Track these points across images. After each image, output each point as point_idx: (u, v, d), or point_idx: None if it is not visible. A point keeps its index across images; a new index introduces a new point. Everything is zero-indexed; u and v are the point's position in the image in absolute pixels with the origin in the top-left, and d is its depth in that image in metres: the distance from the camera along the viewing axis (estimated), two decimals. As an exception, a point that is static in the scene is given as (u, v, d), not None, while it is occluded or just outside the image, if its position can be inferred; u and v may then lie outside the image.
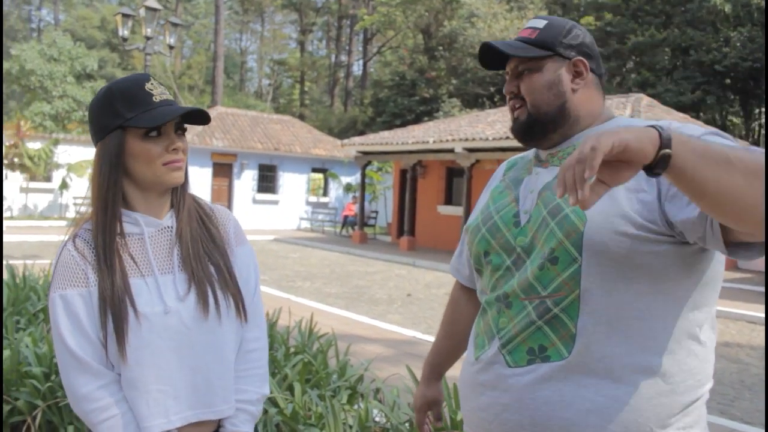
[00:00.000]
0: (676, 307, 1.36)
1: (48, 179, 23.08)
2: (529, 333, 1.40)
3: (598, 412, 1.33)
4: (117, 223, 1.52)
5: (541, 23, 1.56)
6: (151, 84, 1.52)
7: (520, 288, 1.43)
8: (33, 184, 22.49)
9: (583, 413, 1.34)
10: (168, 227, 1.58)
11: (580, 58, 1.54)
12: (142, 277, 1.51)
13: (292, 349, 4.14)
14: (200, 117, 1.54)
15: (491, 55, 1.59)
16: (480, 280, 1.61)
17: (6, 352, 3.66)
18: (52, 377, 3.43)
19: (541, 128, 1.53)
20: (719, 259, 1.42)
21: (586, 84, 1.54)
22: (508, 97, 1.59)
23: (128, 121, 1.48)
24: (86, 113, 30.47)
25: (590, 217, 1.34)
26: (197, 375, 1.52)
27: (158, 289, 1.50)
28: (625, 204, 1.34)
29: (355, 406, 3.54)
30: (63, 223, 21.40)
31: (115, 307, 1.45)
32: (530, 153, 1.69)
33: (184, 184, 1.61)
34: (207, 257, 1.58)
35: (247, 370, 1.64)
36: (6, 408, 3.36)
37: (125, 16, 11.83)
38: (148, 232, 1.55)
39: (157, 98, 1.50)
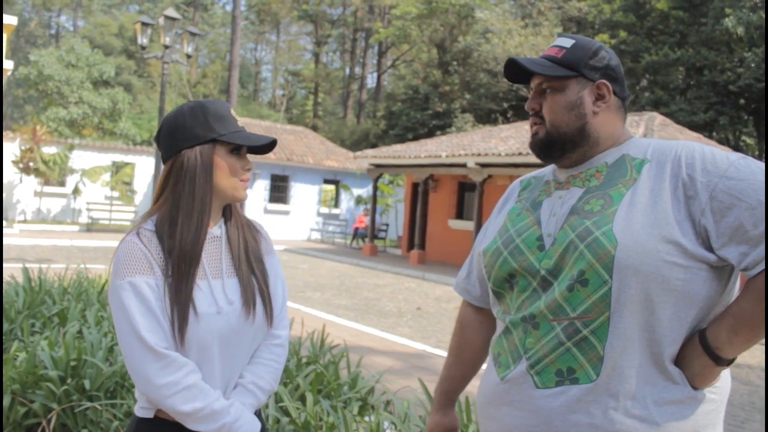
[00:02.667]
0: (696, 330, 1.40)
1: (62, 184, 23.24)
2: (558, 354, 1.40)
3: None
4: (207, 227, 1.67)
5: (568, 42, 1.58)
6: (233, 111, 1.73)
7: (548, 309, 1.43)
8: (47, 189, 22.65)
9: None
10: (216, 236, 1.72)
11: (604, 81, 1.55)
12: (198, 279, 1.65)
13: (304, 360, 4.17)
14: (268, 147, 1.71)
15: (516, 70, 1.61)
16: (500, 302, 1.60)
17: (22, 355, 3.71)
18: (68, 381, 3.47)
19: (560, 147, 1.55)
20: (735, 281, 1.46)
21: (608, 107, 1.55)
22: (529, 113, 1.61)
23: (223, 136, 1.65)
24: (102, 120, 30.75)
25: (621, 240, 1.36)
26: (229, 369, 1.68)
27: (211, 292, 1.65)
28: (658, 230, 1.36)
29: (366, 418, 3.56)
30: (75, 228, 21.54)
31: (181, 306, 1.58)
32: (546, 173, 1.71)
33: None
34: (251, 265, 1.74)
35: (270, 360, 1.76)
36: (21, 410, 3.40)
37: (144, 24, 11.95)
38: None
39: (239, 124, 1.71)
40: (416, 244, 18.25)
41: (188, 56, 12.76)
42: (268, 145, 1.70)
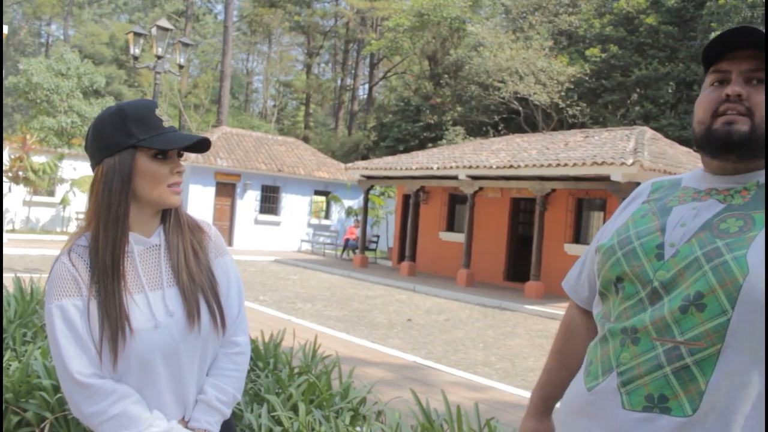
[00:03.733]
0: None
1: (51, 193, 23.18)
2: (653, 378, 1.27)
3: None
4: (126, 238, 1.58)
5: None
6: (159, 110, 1.62)
7: (654, 326, 1.30)
8: (36, 198, 22.58)
9: None
10: (156, 245, 1.65)
11: None
12: (133, 293, 1.57)
13: (296, 370, 4.19)
14: (203, 145, 1.62)
15: (727, 42, 1.40)
16: (603, 304, 1.49)
17: (15, 364, 3.71)
18: (62, 390, 3.47)
19: (757, 149, 1.37)
20: None
21: None
22: (724, 98, 1.39)
23: (142, 141, 1.55)
24: (92, 129, 30.69)
25: (753, 269, 1.21)
26: (179, 383, 1.61)
27: (149, 305, 1.57)
28: None
29: (358, 428, 3.58)
30: (64, 237, 21.46)
31: (112, 324, 1.51)
32: (683, 178, 1.56)
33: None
34: (193, 273, 1.65)
35: (231, 370, 1.71)
36: (14, 419, 3.40)
37: (137, 34, 11.98)
38: (137, 249, 1.61)
39: (165, 124, 1.60)
40: (407, 255, 18.28)
41: (180, 67, 12.79)
42: (203, 145, 1.61)
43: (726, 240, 1.28)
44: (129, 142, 1.55)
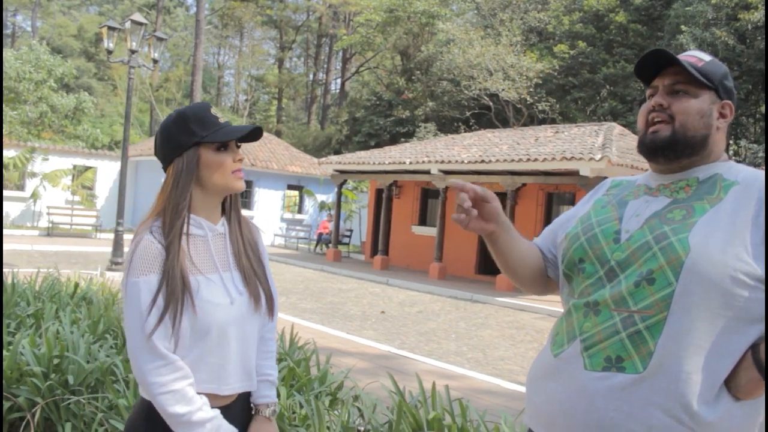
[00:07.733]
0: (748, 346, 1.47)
1: (21, 188, 22.93)
2: (611, 342, 1.50)
3: (661, 429, 1.43)
4: (185, 224, 1.78)
5: (706, 57, 1.66)
6: (214, 109, 1.85)
7: (612, 299, 1.53)
8: (6, 193, 22.30)
9: (647, 428, 1.44)
10: (221, 233, 1.88)
11: (729, 102, 1.66)
12: (208, 273, 1.79)
13: (276, 356, 4.35)
14: (255, 135, 1.84)
15: (651, 64, 1.67)
16: (567, 284, 1.71)
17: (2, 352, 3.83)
18: (52, 376, 3.60)
19: (680, 150, 1.62)
20: None
21: (724, 127, 1.66)
22: (651, 108, 1.66)
23: (205, 137, 1.78)
24: (62, 121, 30.30)
25: (694, 249, 1.46)
26: (245, 355, 1.84)
27: (223, 283, 1.80)
28: (732, 248, 1.45)
29: (336, 411, 3.76)
30: (35, 232, 21.28)
31: (175, 295, 1.69)
32: (638, 178, 1.81)
33: (237, 194, 1.93)
34: (251, 259, 1.90)
35: (270, 353, 1.99)
36: (6, 405, 3.53)
37: (111, 29, 11.98)
38: (210, 235, 1.84)
39: (221, 120, 1.83)
40: (380, 249, 18.46)
41: (155, 61, 12.81)
42: (256, 134, 1.83)
43: (672, 226, 1.52)
44: (193, 140, 1.77)
